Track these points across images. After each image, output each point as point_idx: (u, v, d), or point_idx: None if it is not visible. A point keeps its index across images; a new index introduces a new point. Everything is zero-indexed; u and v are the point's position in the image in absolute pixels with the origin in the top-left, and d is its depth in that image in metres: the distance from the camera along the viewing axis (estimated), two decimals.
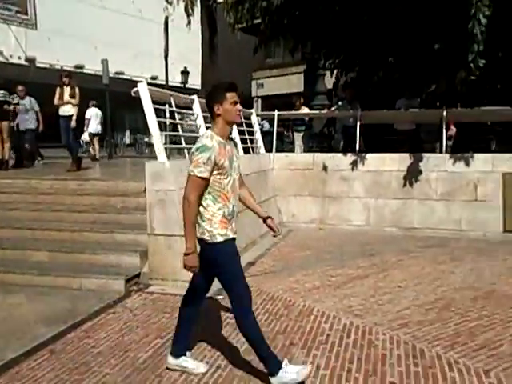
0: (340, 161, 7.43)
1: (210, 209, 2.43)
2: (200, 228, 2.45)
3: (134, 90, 4.38)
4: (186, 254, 2.40)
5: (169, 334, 3.21)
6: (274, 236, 2.92)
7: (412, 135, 8.09)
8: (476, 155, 7.03)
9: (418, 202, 7.12)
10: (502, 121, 8.24)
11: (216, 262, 2.46)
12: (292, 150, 9.50)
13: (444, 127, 7.27)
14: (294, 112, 8.92)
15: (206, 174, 2.36)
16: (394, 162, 7.28)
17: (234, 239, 2.50)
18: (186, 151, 4.99)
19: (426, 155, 7.28)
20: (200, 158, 2.34)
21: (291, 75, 18.26)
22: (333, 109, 8.96)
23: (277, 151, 8.11)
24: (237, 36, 14.04)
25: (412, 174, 7.16)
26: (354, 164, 7.30)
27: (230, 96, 2.42)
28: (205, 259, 2.44)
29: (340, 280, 4.47)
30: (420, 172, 7.12)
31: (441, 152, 7.39)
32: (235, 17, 9.15)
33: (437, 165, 7.10)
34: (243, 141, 7.04)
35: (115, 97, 13.95)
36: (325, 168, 7.39)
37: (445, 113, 7.26)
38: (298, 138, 9.08)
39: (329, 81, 10.29)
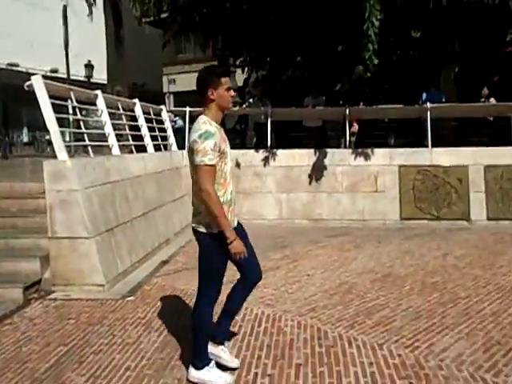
0: (253, 157, 7.59)
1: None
2: (197, 218, 2.38)
3: (27, 83, 4.06)
4: (230, 243, 2.27)
5: (73, 341, 3.04)
6: None
7: (319, 131, 8.54)
8: (376, 150, 7.63)
9: (326, 194, 7.54)
10: (399, 118, 9.03)
11: (203, 251, 2.41)
12: None
13: (347, 124, 7.79)
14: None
15: (215, 161, 2.27)
16: (304, 158, 7.63)
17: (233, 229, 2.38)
18: (90, 149, 4.75)
19: (331, 150, 7.73)
20: (207, 145, 2.23)
21: None
22: (244, 106, 9.11)
23: None
24: (145, 29, 13.62)
25: (320, 169, 7.56)
26: (266, 160, 7.52)
27: (225, 81, 2.36)
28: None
29: None
30: (327, 166, 7.55)
31: (345, 147, 7.90)
32: (141, 9, 8.92)
33: (342, 159, 7.58)
34: (154, 138, 6.88)
35: (9, 91, 12.75)
36: (238, 164, 7.51)
37: (348, 111, 7.77)
38: None
39: (240, 78, 10.45)
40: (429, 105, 7.82)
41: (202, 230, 2.37)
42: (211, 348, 2.56)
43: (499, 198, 7.45)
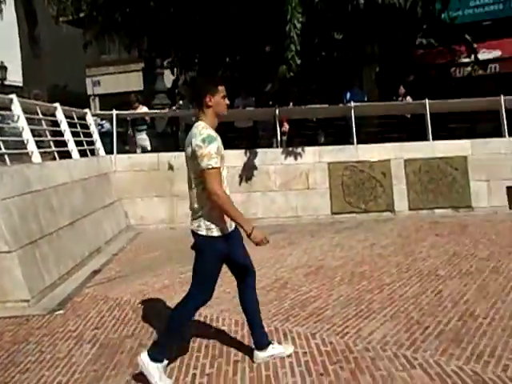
0: (184, 159, 7.51)
1: (209, 203, 2.37)
2: (197, 221, 2.40)
3: None
4: (249, 236, 2.36)
5: None
6: None
7: (250, 132, 8.67)
8: (306, 148, 7.91)
9: (260, 193, 7.67)
10: (326, 117, 9.41)
11: (200, 254, 2.47)
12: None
13: (278, 124, 7.99)
14: (133, 111, 8.67)
15: (218, 164, 2.33)
16: (237, 158, 7.69)
17: (229, 234, 2.46)
18: (7, 157, 4.44)
19: (264, 150, 7.89)
20: (211, 149, 2.31)
21: (130, 73, 17.62)
22: (174, 108, 9.00)
23: (119, 152, 7.79)
24: (63, 29, 12.90)
25: (253, 169, 7.68)
26: None
27: (221, 89, 2.49)
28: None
29: (189, 276, 4.49)
30: (260, 166, 7.68)
31: (277, 147, 8.09)
32: (58, 8, 8.42)
33: (274, 159, 7.76)
34: (79, 143, 6.58)
35: None
36: (171, 167, 7.40)
37: (277, 111, 7.97)
38: (139, 138, 8.84)
39: (169, 79, 10.31)
40: (352, 104, 8.25)
41: (202, 232, 2.41)
42: (267, 353, 2.60)
43: (419, 190, 8.04)
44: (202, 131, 2.39)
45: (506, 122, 8.50)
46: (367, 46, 12.28)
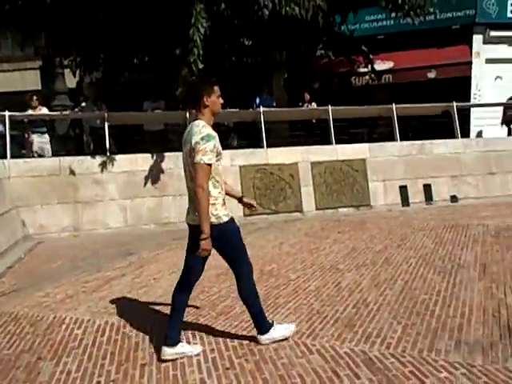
0: (91, 164, 7.20)
1: (212, 194, 2.59)
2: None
3: None
4: (203, 239, 2.52)
5: None
6: (251, 210, 3.25)
7: (161, 135, 8.55)
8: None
9: (172, 197, 7.60)
10: (237, 121, 9.62)
11: (227, 240, 2.70)
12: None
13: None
14: (30, 113, 8.05)
15: (213, 161, 2.55)
16: (147, 162, 7.55)
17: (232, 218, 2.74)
18: None
19: (175, 154, 7.81)
20: (207, 147, 2.50)
21: (25, 71, 16.24)
22: (76, 110, 8.56)
23: (14, 157, 7.19)
24: None
25: (165, 172, 7.59)
26: (106, 166, 7.21)
27: (216, 89, 2.67)
28: (213, 241, 2.59)
29: (96, 284, 4.39)
30: (172, 169, 7.62)
31: None
32: None
33: None
34: None
35: None
36: (73, 172, 7.03)
37: (188, 114, 7.96)
38: (39, 141, 8.22)
39: (71, 79, 9.76)
40: (261, 109, 8.55)
41: (214, 222, 2.61)
42: (169, 350, 2.70)
43: (324, 191, 8.57)
44: (202, 130, 2.58)
45: (397, 128, 9.43)
46: (276, 53, 12.82)
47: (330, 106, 9.09)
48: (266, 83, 12.42)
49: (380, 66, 13.35)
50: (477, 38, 13.41)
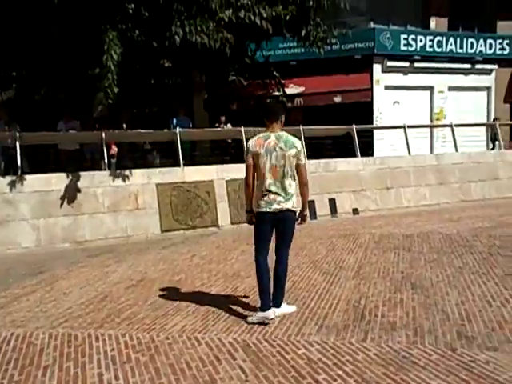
0: (1, 184, 7.13)
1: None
2: (290, 202, 3.53)
3: None
4: (306, 215, 3.70)
5: None
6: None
7: (76, 155, 8.64)
8: (135, 170, 8.28)
9: (88, 216, 7.72)
10: (154, 141, 9.97)
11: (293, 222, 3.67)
12: None
13: (105, 147, 8.19)
14: None
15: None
16: (62, 181, 7.61)
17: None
18: None
19: (91, 173, 7.99)
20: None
21: None
22: None
23: None
24: None
25: (80, 191, 7.70)
26: (17, 186, 7.18)
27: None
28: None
29: (4, 301, 4.50)
30: (87, 188, 7.75)
31: (105, 169, 8.27)
32: None
33: (102, 181, 7.91)
34: None
35: None
36: None
37: (104, 134, 8.19)
38: None
39: None
40: (178, 130, 9.00)
41: (294, 209, 3.57)
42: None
43: (239, 206, 9.15)
44: (297, 142, 3.55)
45: (304, 147, 10.34)
46: (196, 74, 13.42)
47: (242, 127, 9.76)
48: (187, 104, 12.91)
49: (293, 90, 14.48)
50: (376, 67, 15.07)
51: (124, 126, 12.06)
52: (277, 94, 13.12)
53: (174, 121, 9.82)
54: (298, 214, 3.60)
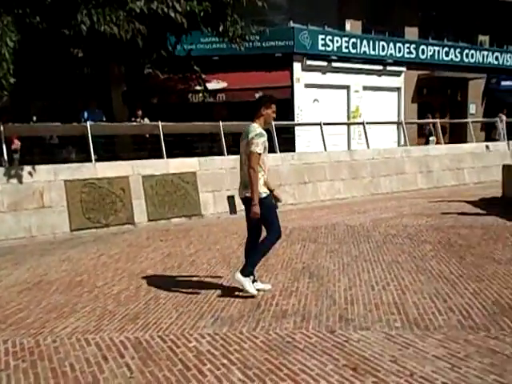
0: None
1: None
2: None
3: None
4: (253, 205, 3.66)
5: None
6: (277, 203, 4.04)
7: None
8: (39, 166, 7.78)
9: None
10: (64, 135, 9.43)
11: (262, 209, 3.75)
12: None
13: (4, 141, 7.61)
14: None
15: (261, 151, 3.71)
16: None
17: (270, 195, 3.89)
18: None
19: None
20: (259, 141, 3.68)
21: None
22: None
23: None
24: None
25: None
26: None
27: (273, 106, 3.90)
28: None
29: None
30: None
31: (5, 165, 7.68)
32: None
33: (1, 178, 7.35)
34: None
35: None
36: None
37: (2, 127, 7.60)
38: None
39: None
40: (88, 123, 8.60)
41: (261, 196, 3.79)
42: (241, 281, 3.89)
43: (156, 202, 8.98)
44: (257, 130, 3.74)
45: (224, 143, 10.40)
46: (114, 66, 12.89)
47: (160, 122, 9.58)
48: (105, 96, 12.35)
49: (215, 85, 14.47)
50: (296, 66, 15.54)
51: (34, 118, 11.30)
52: (198, 88, 13.03)
53: (85, 114, 9.37)
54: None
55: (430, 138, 15.84)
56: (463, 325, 3.08)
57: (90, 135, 8.49)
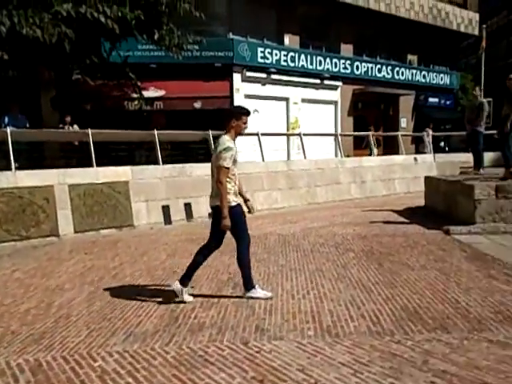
0: None
1: (227, 186, 3.79)
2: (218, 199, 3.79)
3: None
4: (224, 218, 3.74)
5: None
6: (249, 213, 4.17)
7: None
8: None
9: None
10: None
11: (232, 218, 3.82)
12: None
13: None
14: None
15: (230, 165, 3.74)
16: None
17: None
18: None
19: None
20: (227, 155, 3.70)
21: None
22: None
23: None
24: None
25: None
26: None
27: (244, 117, 3.86)
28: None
29: None
30: None
31: None
32: None
33: None
34: None
35: None
36: None
37: None
38: None
39: None
40: (8, 129, 8.06)
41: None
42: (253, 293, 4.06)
43: (84, 213, 8.56)
44: (227, 143, 3.75)
45: (160, 152, 10.19)
46: (44, 70, 12.24)
47: (89, 130, 9.20)
48: (35, 101, 11.65)
49: (153, 93, 14.21)
50: (236, 76, 15.66)
51: None
52: (134, 96, 12.71)
53: (6, 119, 8.78)
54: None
55: (374, 150, 16.51)
56: (371, 330, 3.17)
57: (10, 141, 7.95)
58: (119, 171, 9.31)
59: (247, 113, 3.92)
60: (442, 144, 20.46)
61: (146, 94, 13.27)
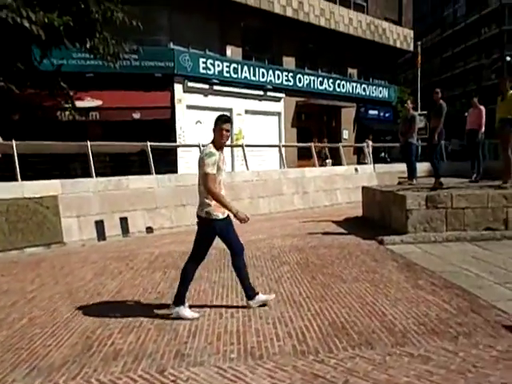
0: None
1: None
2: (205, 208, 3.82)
3: None
4: (236, 214, 3.79)
5: None
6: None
7: None
8: None
9: None
10: None
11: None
12: None
13: None
14: None
15: (214, 171, 3.73)
16: None
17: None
18: None
19: None
20: (210, 161, 3.70)
21: None
22: None
23: None
24: None
25: None
26: None
27: (226, 125, 3.85)
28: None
29: None
30: None
31: None
32: None
33: None
34: None
35: None
36: None
37: None
38: None
39: None
40: None
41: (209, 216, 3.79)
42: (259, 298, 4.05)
43: (7, 230, 7.91)
44: (207, 150, 3.74)
45: (93, 164, 9.69)
46: None
47: (14, 141, 8.57)
48: None
49: (89, 103, 13.62)
50: (177, 87, 15.40)
51: None
52: (66, 106, 12.08)
53: None
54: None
55: (327, 161, 16.76)
56: (296, 350, 3.05)
57: None
58: (47, 185, 8.73)
59: (226, 120, 3.89)
60: (383, 155, 21.29)
61: (81, 104, 12.71)
